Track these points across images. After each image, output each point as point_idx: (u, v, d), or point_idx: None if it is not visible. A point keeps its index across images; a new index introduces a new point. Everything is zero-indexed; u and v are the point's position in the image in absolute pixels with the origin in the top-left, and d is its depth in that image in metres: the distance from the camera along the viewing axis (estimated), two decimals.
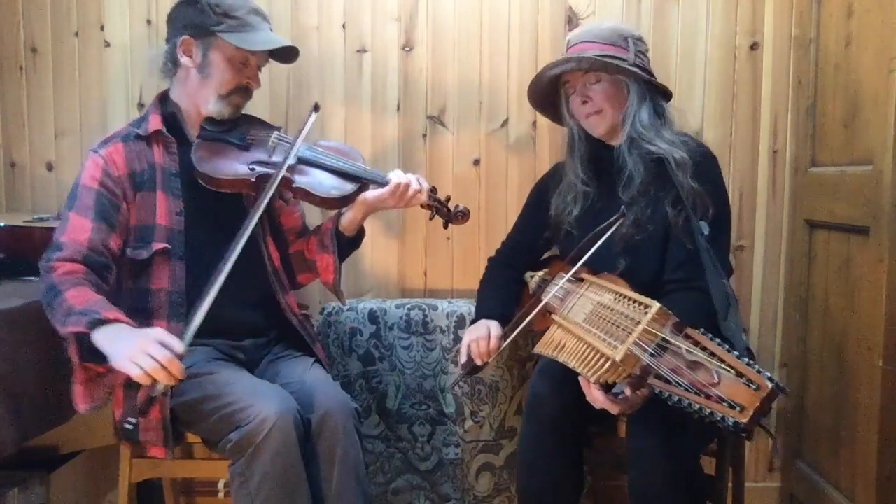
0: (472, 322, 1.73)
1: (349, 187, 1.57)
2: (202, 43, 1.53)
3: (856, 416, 1.68)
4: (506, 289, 1.78)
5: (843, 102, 1.78)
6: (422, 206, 1.62)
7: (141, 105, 2.09)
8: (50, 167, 2.13)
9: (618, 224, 1.51)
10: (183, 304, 1.52)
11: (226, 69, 1.54)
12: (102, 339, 1.31)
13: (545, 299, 1.57)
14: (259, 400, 1.40)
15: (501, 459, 1.98)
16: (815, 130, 1.94)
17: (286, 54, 1.63)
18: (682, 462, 1.40)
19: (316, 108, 1.58)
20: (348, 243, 1.65)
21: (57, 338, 1.54)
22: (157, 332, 1.30)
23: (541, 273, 1.76)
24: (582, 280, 1.56)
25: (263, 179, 1.52)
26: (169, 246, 1.52)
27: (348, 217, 1.61)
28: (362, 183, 1.58)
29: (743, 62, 2.05)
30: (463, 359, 1.64)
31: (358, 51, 2.09)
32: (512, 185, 2.12)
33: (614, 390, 1.32)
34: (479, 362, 1.61)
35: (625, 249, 1.55)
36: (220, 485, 1.79)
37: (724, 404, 1.06)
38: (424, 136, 2.11)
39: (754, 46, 2.05)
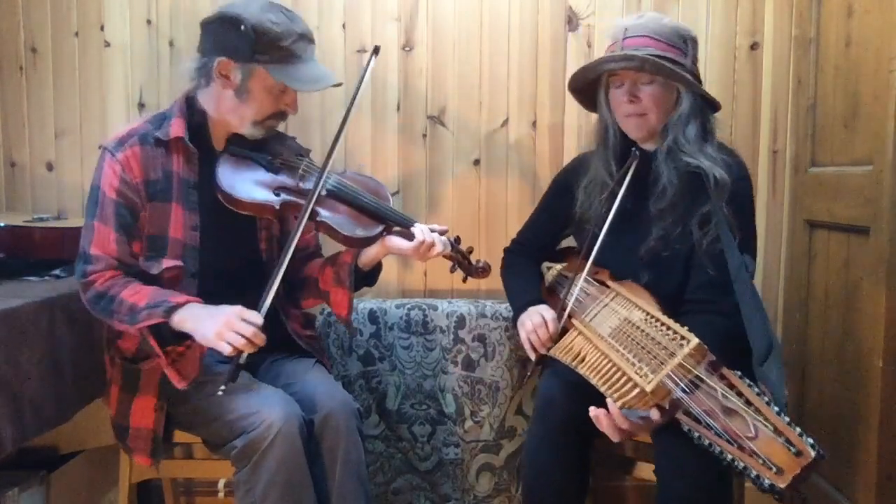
0: (515, 314, 1.65)
1: (374, 230, 1.52)
2: (242, 67, 1.43)
3: (856, 416, 1.68)
4: (530, 272, 1.76)
5: (843, 102, 1.78)
6: (443, 256, 1.56)
7: (141, 105, 2.09)
8: (50, 167, 2.13)
9: (633, 168, 1.47)
10: None
11: (265, 98, 1.46)
12: (182, 321, 1.37)
13: (570, 301, 1.53)
14: (264, 406, 1.39)
15: (501, 459, 1.98)
16: (815, 130, 1.94)
17: None
18: (711, 469, 1.32)
19: (376, 50, 1.50)
20: (363, 277, 1.61)
21: (57, 338, 1.54)
22: (238, 309, 1.36)
23: (558, 267, 1.73)
24: (606, 286, 1.52)
25: (287, 207, 1.48)
26: (182, 263, 1.48)
27: (369, 255, 1.56)
28: (387, 225, 1.53)
29: (743, 62, 2.06)
30: (532, 355, 1.56)
31: (358, 51, 2.09)
32: (512, 185, 2.12)
33: (623, 410, 1.27)
34: (543, 351, 1.54)
35: (649, 263, 1.52)
36: (220, 485, 1.79)
37: (760, 461, 1.01)
38: (424, 136, 2.11)
39: (754, 46, 2.05)
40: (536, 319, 1.56)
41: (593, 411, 1.28)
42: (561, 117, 2.10)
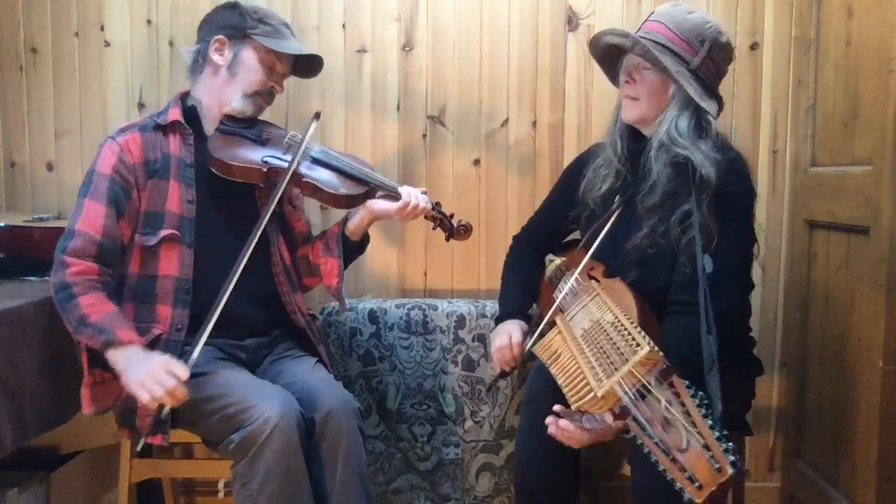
0: (496, 318, 1.73)
1: (357, 189, 1.61)
2: (235, 43, 1.60)
3: (856, 416, 1.68)
4: (529, 274, 1.78)
5: (843, 102, 1.78)
6: (425, 217, 1.65)
7: (141, 105, 2.09)
8: (50, 167, 2.13)
9: (615, 215, 1.50)
10: (189, 291, 1.54)
11: (255, 69, 1.61)
12: (115, 358, 1.41)
13: (559, 297, 1.56)
14: (261, 400, 1.40)
15: (501, 459, 1.98)
16: (815, 130, 1.94)
17: (309, 68, 1.71)
18: None
19: (317, 116, 1.64)
20: (353, 248, 1.68)
21: (57, 338, 1.55)
22: (165, 360, 1.38)
23: (558, 261, 1.74)
24: (595, 281, 1.52)
25: (275, 172, 1.56)
26: (177, 232, 1.54)
27: (355, 221, 1.64)
28: (371, 187, 1.61)
29: (743, 62, 2.05)
30: (497, 369, 1.67)
31: (358, 51, 2.09)
32: (512, 185, 2.12)
33: (585, 415, 1.29)
34: (507, 369, 1.65)
35: (637, 261, 1.51)
36: (220, 485, 1.78)
37: (685, 475, 1.03)
38: (424, 136, 2.11)
39: (754, 46, 2.05)
40: (504, 340, 1.63)
41: (550, 420, 1.30)
42: (561, 117, 2.10)
